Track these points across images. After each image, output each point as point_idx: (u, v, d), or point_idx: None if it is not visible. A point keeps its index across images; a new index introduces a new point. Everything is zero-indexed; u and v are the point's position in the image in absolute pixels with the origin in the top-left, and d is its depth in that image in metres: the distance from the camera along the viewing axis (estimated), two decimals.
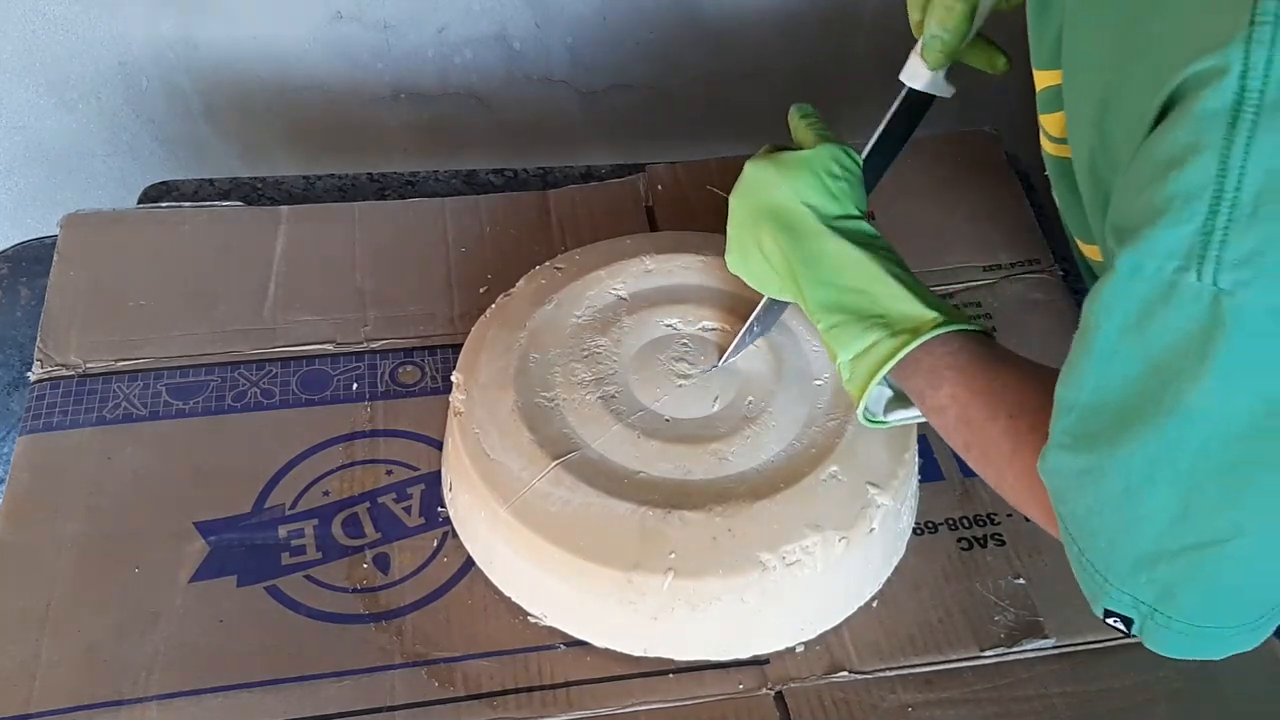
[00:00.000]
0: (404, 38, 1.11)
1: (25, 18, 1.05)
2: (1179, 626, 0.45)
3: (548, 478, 0.63)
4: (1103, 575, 0.46)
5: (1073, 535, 0.48)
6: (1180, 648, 0.46)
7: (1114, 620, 0.47)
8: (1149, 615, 0.46)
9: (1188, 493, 0.42)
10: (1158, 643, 0.47)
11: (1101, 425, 0.44)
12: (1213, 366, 0.39)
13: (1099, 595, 0.47)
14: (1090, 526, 0.47)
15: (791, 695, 0.62)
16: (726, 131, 1.24)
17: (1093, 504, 0.46)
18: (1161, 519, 0.43)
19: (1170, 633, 0.46)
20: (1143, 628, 0.46)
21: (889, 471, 0.65)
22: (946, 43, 0.63)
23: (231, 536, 0.67)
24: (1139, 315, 0.41)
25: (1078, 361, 0.45)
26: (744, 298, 0.74)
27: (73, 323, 0.77)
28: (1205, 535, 0.42)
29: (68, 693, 0.60)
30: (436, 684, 0.62)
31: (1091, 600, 0.48)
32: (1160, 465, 0.42)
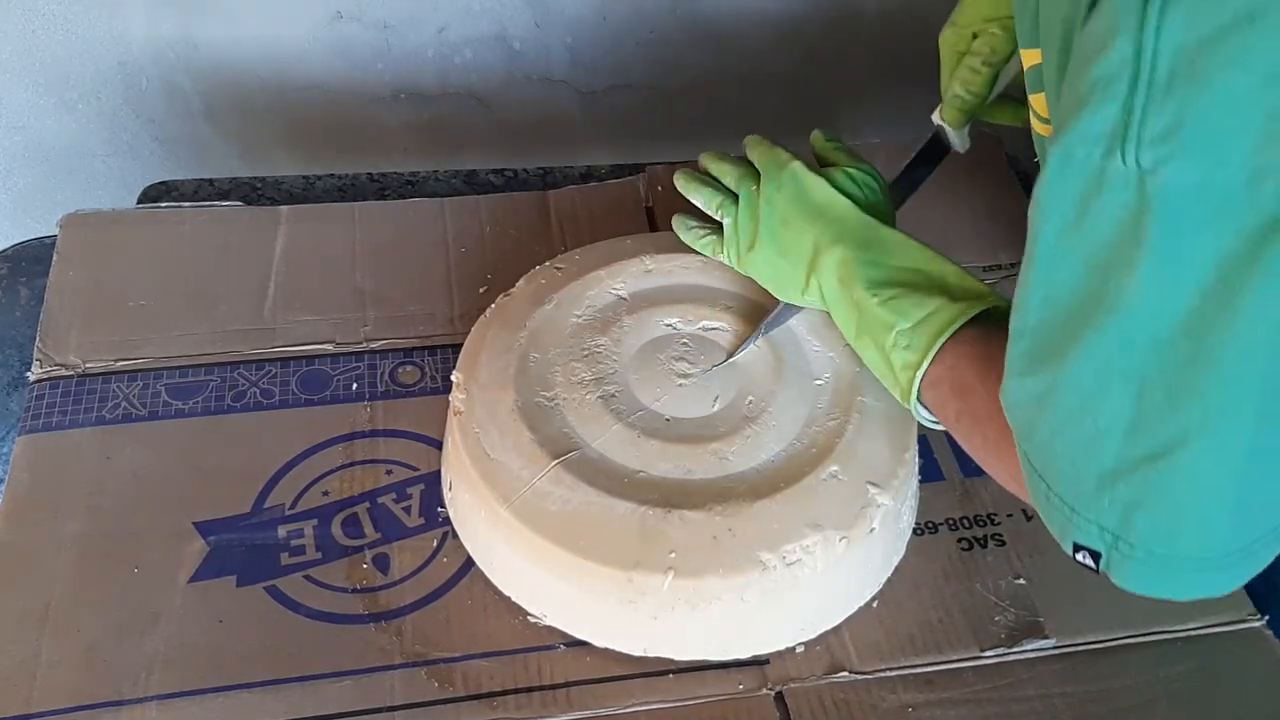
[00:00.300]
0: (404, 38, 1.11)
1: (25, 18, 1.05)
2: (1140, 556, 0.45)
3: (548, 477, 0.63)
4: (1070, 505, 0.46)
5: (1038, 471, 0.48)
6: (1144, 581, 0.46)
7: (1083, 556, 0.47)
8: (1113, 545, 0.45)
9: (1139, 396, 0.42)
10: (1123, 576, 0.46)
11: (1052, 341, 0.44)
12: (1146, 252, 0.39)
13: (1067, 528, 0.47)
14: (1054, 453, 0.47)
15: (791, 695, 0.62)
16: (726, 132, 1.24)
17: (1054, 427, 0.46)
18: (1118, 429, 0.43)
19: (1133, 563, 0.45)
20: (1109, 560, 0.46)
21: (889, 471, 0.65)
22: (966, 103, 0.68)
23: (231, 536, 0.67)
24: (1075, 212, 0.41)
25: (1025, 282, 0.45)
26: (744, 297, 0.74)
27: (72, 323, 0.77)
28: (1158, 442, 0.42)
29: (68, 693, 0.60)
30: (436, 684, 0.62)
31: (1061, 537, 0.48)
32: (1111, 370, 0.42)
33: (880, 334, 0.60)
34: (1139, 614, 0.66)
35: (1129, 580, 0.46)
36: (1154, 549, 0.45)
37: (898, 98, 1.24)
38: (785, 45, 1.17)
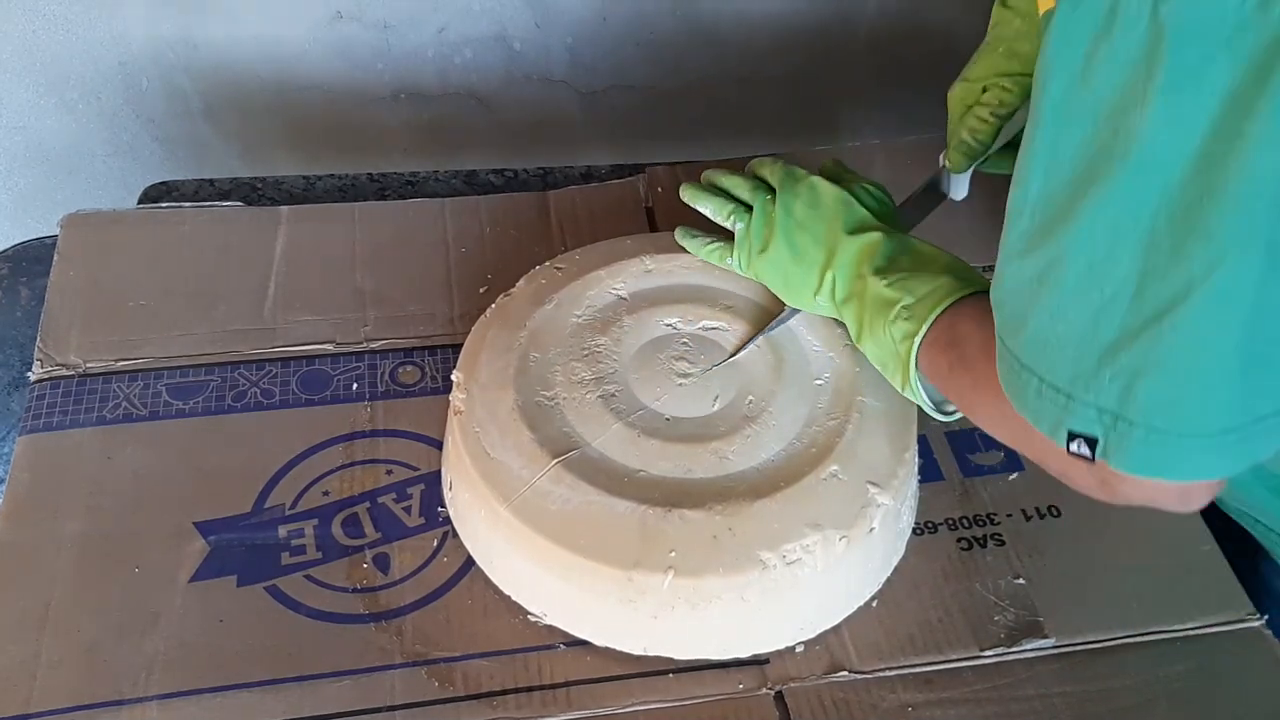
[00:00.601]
0: (404, 38, 1.11)
1: (25, 18, 1.05)
2: (1140, 433, 0.44)
3: (548, 476, 0.63)
4: (1065, 392, 0.46)
5: (1028, 365, 0.47)
6: (1143, 461, 0.45)
7: (1078, 446, 0.46)
8: (1112, 425, 0.45)
9: (1147, 252, 0.41)
10: (1122, 458, 0.45)
11: (1058, 207, 0.44)
12: (1157, 89, 0.39)
13: (1062, 418, 0.46)
14: (1051, 337, 0.46)
15: (791, 695, 0.62)
16: (726, 132, 1.24)
17: (1054, 306, 0.45)
18: (1125, 292, 0.43)
19: (1132, 443, 0.45)
20: (1106, 443, 0.45)
21: (889, 471, 0.65)
22: (972, 149, 0.70)
23: (231, 536, 0.67)
24: (1083, 63, 0.41)
25: (1027, 155, 0.45)
26: (744, 297, 0.74)
27: (73, 323, 0.77)
28: (1163, 299, 0.42)
29: (68, 693, 0.60)
30: (436, 684, 0.62)
31: (1053, 431, 0.47)
32: (1119, 228, 0.42)
33: (884, 314, 0.61)
34: (1139, 614, 0.66)
35: (1127, 461, 0.45)
36: (1155, 423, 0.44)
37: (897, 99, 1.25)
38: (785, 47, 1.17)
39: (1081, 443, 0.46)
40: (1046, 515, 0.71)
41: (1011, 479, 0.73)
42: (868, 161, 0.92)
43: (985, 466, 0.73)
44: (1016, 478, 0.73)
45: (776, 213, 0.68)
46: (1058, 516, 0.71)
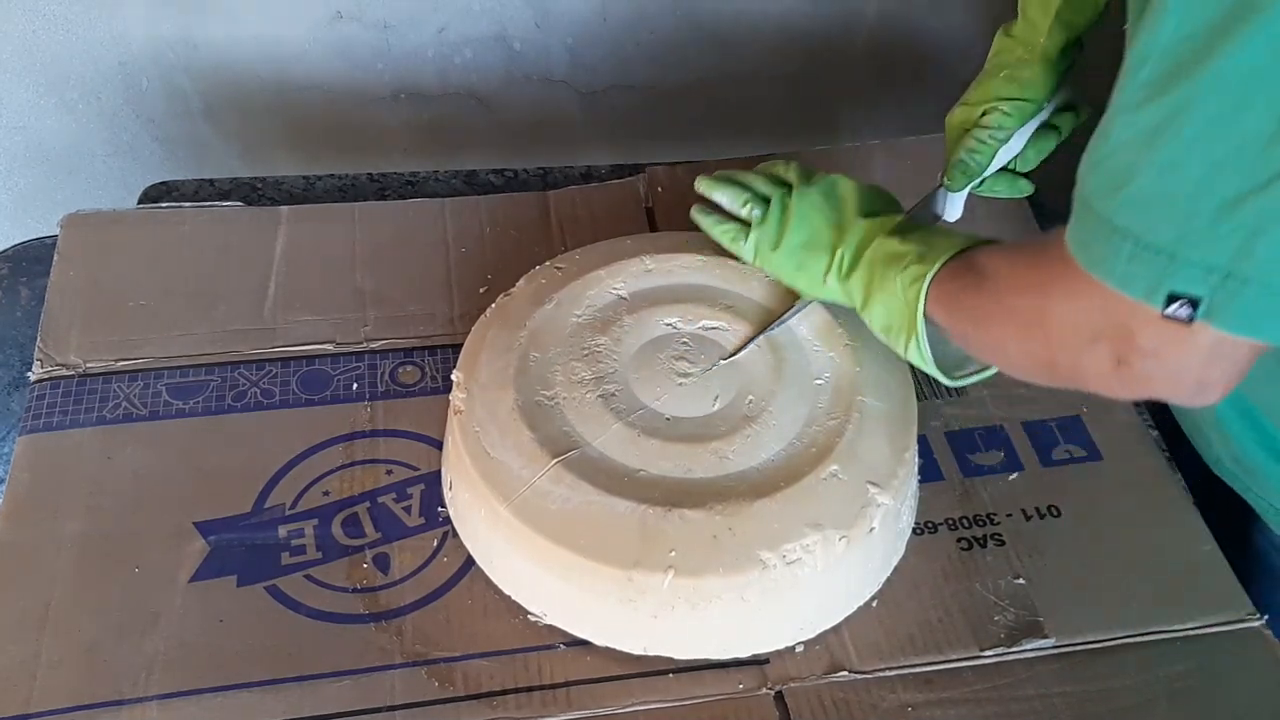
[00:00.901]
0: (404, 38, 1.11)
1: (25, 18, 1.05)
2: (1253, 290, 0.43)
3: (548, 476, 0.63)
4: (1169, 251, 0.44)
5: (1124, 228, 0.46)
6: (1252, 319, 0.44)
7: (1177, 308, 0.45)
8: (1221, 283, 0.44)
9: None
10: (1228, 317, 0.44)
11: (1191, 52, 0.42)
12: None
13: (1162, 280, 0.45)
14: (1161, 194, 0.45)
15: (791, 695, 0.62)
16: (726, 132, 1.24)
17: (1169, 159, 0.44)
18: (1255, 144, 0.41)
19: (1243, 300, 0.44)
20: (1212, 303, 0.44)
21: (889, 471, 0.65)
22: (970, 169, 0.70)
23: (231, 536, 0.67)
24: None
25: (1153, 8, 0.43)
26: (743, 296, 0.74)
27: (73, 323, 0.77)
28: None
29: (68, 693, 0.60)
30: (436, 684, 0.62)
31: (1150, 294, 0.45)
32: (1258, 76, 0.41)
33: (894, 265, 0.62)
34: (1139, 614, 0.66)
35: (1234, 320, 0.45)
36: (1273, 280, 0.43)
37: (897, 100, 1.25)
38: (785, 46, 1.17)
39: (1183, 304, 0.45)
40: (1046, 515, 0.71)
41: (1011, 479, 0.73)
42: (868, 161, 0.92)
43: (985, 466, 0.73)
44: (1016, 478, 0.73)
45: (793, 204, 0.69)
46: (1058, 516, 0.71)
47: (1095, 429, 0.75)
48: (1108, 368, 0.50)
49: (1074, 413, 0.76)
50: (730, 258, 0.76)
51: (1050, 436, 0.75)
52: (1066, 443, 0.75)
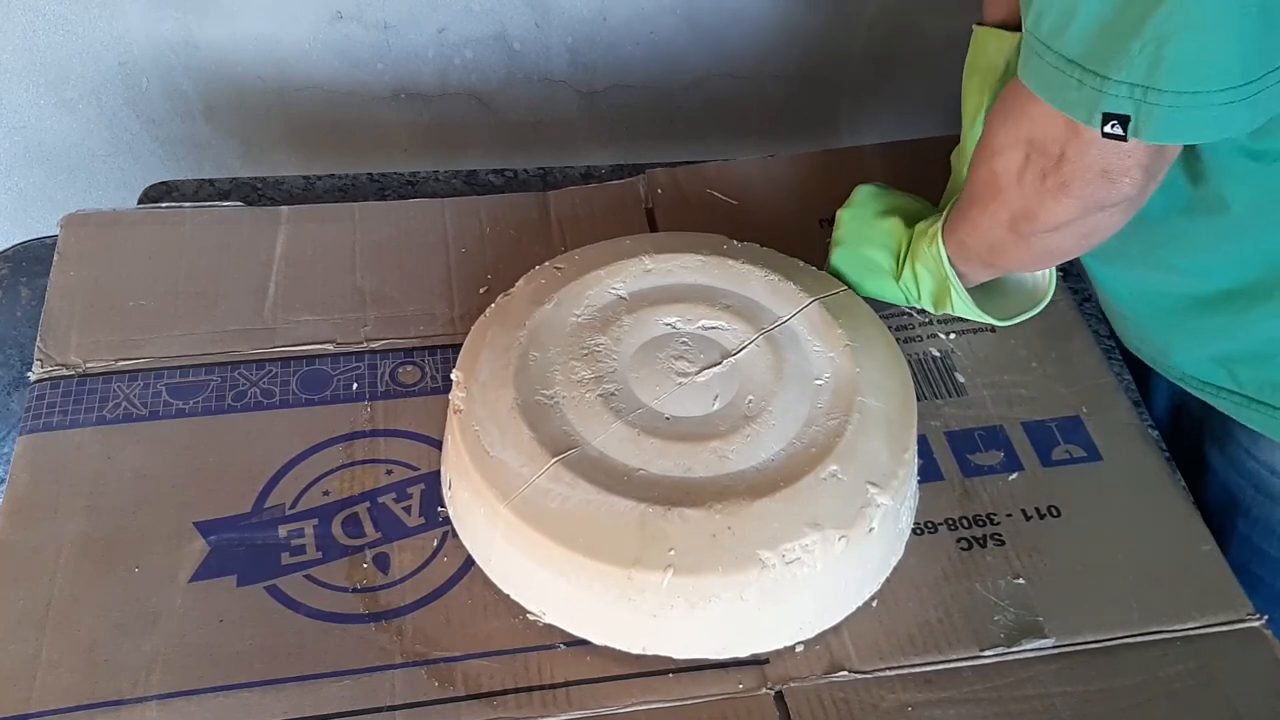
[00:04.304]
0: (404, 38, 1.11)
1: (25, 18, 1.05)
2: (1168, 101, 0.50)
3: (547, 475, 0.63)
4: (1100, 74, 0.52)
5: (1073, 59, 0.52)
6: (1173, 127, 0.51)
7: (1112, 127, 0.52)
8: (1142, 99, 0.51)
9: None
10: (1153, 129, 0.52)
11: None
12: None
13: (1097, 102, 0.52)
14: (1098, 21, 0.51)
15: (791, 695, 0.62)
16: (726, 132, 1.24)
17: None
18: None
19: (1161, 111, 0.51)
20: (1137, 120, 0.51)
21: (889, 471, 0.65)
22: None
23: (231, 536, 0.67)
24: None
25: None
26: (743, 296, 0.74)
27: (73, 323, 0.77)
28: None
29: (68, 693, 0.60)
30: (436, 684, 0.62)
31: (1089, 118, 0.53)
32: None
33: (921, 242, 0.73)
34: (1139, 614, 0.66)
35: (1158, 130, 0.51)
36: (1182, 87, 0.50)
37: (897, 99, 1.25)
38: (785, 46, 1.17)
39: (1115, 124, 0.52)
40: (1046, 515, 0.71)
41: (1011, 479, 0.73)
42: (867, 162, 0.92)
43: (985, 466, 0.73)
44: (1016, 478, 0.73)
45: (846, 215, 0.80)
46: (1058, 516, 0.71)
47: (1095, 429, 0.75)
48: (1037, 181, 0.60)
49: (1074, 413, 0.76)
50: (730, 257, 0.76)
51: (1050, 436, 0.75)
52: (1066, 443, 0.75)
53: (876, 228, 0.77)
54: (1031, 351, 0.80)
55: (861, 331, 0.72)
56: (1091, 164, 0.57)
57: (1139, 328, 0.76)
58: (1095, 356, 0.80)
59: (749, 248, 0.78)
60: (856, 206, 0.79)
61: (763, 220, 0.87)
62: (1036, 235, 0.64)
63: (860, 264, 0.78)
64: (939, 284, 0.74)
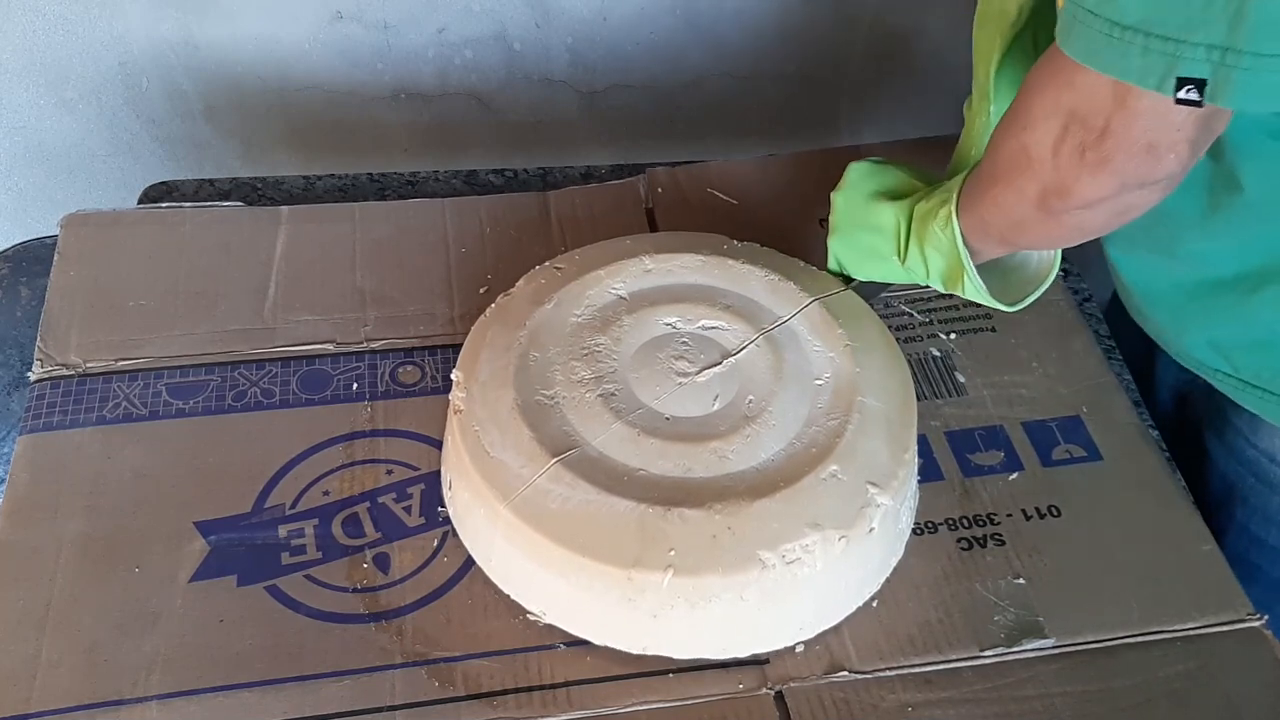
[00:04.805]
0: (404, 38, 1.11)
1: (25, 18, 1.05)
2: (1248, 63, 0.47)
3: (547, 475, 0.63)
4: (1174, 38, 0.49)
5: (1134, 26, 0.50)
6: (1254, 92, 0.48)
7: (1187, 92, 0.49)
8: (1220, 61, 0.48)
9: None
10: (1231, 93, 0.49)
11: None
12: None
13: (1172, 67, 0.49)
14: None
15: (791, 695, 0.62)
16: (726, 132, 1.24)
17: None
18: None
19: (1241, 73, 0.48)
20: (1215, 84, 0.49)
21: (889, 471, 0.65)
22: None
23: (231, 536, 0.67)
24: None
25: None
26: (743, 296, 0.74)
27: (73, 323, 0.77)
28: None
29: (68, 693, 0.60)
30: (436, 684, 0.62)
31: (1162, 82, 0.50)
32: None
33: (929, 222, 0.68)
34: (1139, 614, 0.66)
35: (1238, 95, 0.49)
36: (1264, 48, 0.47)
37: (896, 98, 1.25)
38: (785, 45, 1.17)
39: (1191, 88, 0.49)
40: (1046, 515, 0.71)
41: (1011, 479, 0.73)
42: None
43: (985, 466, 0.73)
44: (1016, 478, 0.73)
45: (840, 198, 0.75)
46: (1058, 516, 0.71)
47: (1095, 429, 0.75)
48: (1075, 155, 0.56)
49: (1074, 413, 0.76)
50: (730, 257, 0.76)
51: (1050, 436, 0.75)
52: (1066, 443, 0.75)
53: (872, 211, 0.74)
54: (1032, 351, 0.80)
55: (861, 331, 0.72)
56: (1138, 137, 0.54)
57: (1145, 305, 0.76)
58: (1095, 356, 0.80)
59: (749, 248, 0.78)
60: (849, 189, 0.76)
61: (763, 220, 0.87)
62: (1068, 212, 0.60)
63: (858, 249, 0.75)
64: (951, 265, 0.70)
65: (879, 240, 0.73)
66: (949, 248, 0.68)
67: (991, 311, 0.82)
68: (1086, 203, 0.58)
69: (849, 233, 0.75)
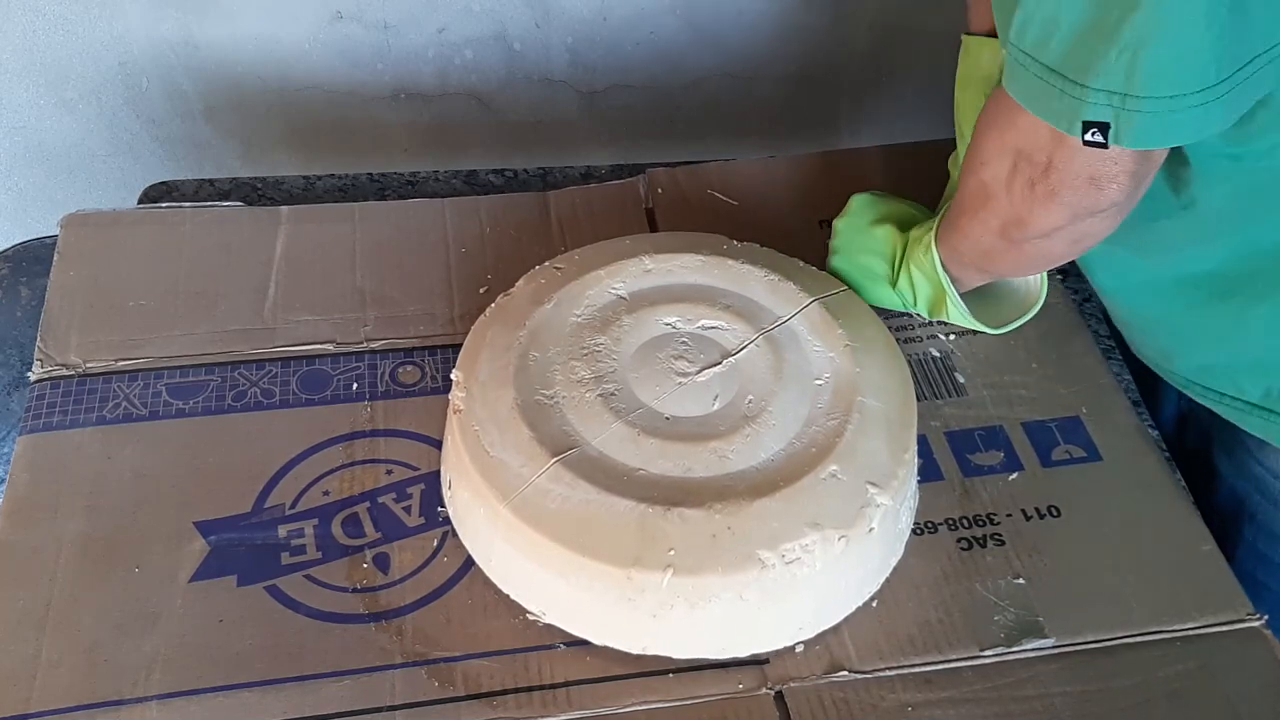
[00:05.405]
0: (404, 38, 1.11)
1: (26, 18, 1.05)
2: (1147, 107, 0.51)
3: (547, 475, 0.63)
4: (1080, 83, 0.52)
5: (1056, 69, 0.53)
6: (1152, 132, 0.52)
7: (1093, 135, 0.53)
8: (1121, 105, 0.52)
9: None
10: (1133, 134, 0.52)
11: None
12: None
13: (1078, 111, 0.53)
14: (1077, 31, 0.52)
15: (791, 695, 0.62)
16: (726, 132, 1.24)
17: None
18: None
19: (1140, 117, 0.51)
20: (1117, 127, 0.52)
21: (888, 471, 0.65)
22: None
23: (231, 536, 0.67)
24: None
25: None
26: (743, 296, 0.74)
27: (73, 323, 0.77)
28: None
29: (68, 693, 0.60)
30: (436, 684, 0.62)
31: (1070, 127, 0.54)
32: None
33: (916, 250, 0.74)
34: (1139, 614, 0.66)
35: (1137, 135, 0.52)
36: (1159, 92, 0.51)
37: (897, 100, 1.25)
38: (785, 46, 1.17)
39: (1096, 131, 0.53)
40: (1046, 515, 0.71)
41: (1011, 479, 0.73)
42: (867, 163, 0.92)
43: (985, 466, 0.73)
44: (1016, 478, 0.73)
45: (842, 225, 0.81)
46: (1058, 516, 0.71)
47: (1095, 429, 0.75)
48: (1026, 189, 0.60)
49: (1074, 413, 0.76)
50: (729, 257, 0.76)
51: (1050, 436, 0.75)
52: (1066, 443, 0.75)
53: (871, 236, 0.78)
54: (1031, 352, 0.80)
55: (861, 331, 0.72)
56: (1079, 171, 0.57)
57: (1143, 334, 0.76)
58: (1095, 357, 0.80)
59: (749, 248, 0.78)
60: (851, 215, 0.80)
61: (763, 220, 0.87)
62: (1028, 241, 0.64)
63: (857, 272, 0.79)
64: (935, 290, 0.75)
65: (876, 263, 0.77)
66: (931, 272, 0.73)
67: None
68: (1042, 232, 0.62)
69: (849, 255, 0.79)
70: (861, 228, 0.79)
